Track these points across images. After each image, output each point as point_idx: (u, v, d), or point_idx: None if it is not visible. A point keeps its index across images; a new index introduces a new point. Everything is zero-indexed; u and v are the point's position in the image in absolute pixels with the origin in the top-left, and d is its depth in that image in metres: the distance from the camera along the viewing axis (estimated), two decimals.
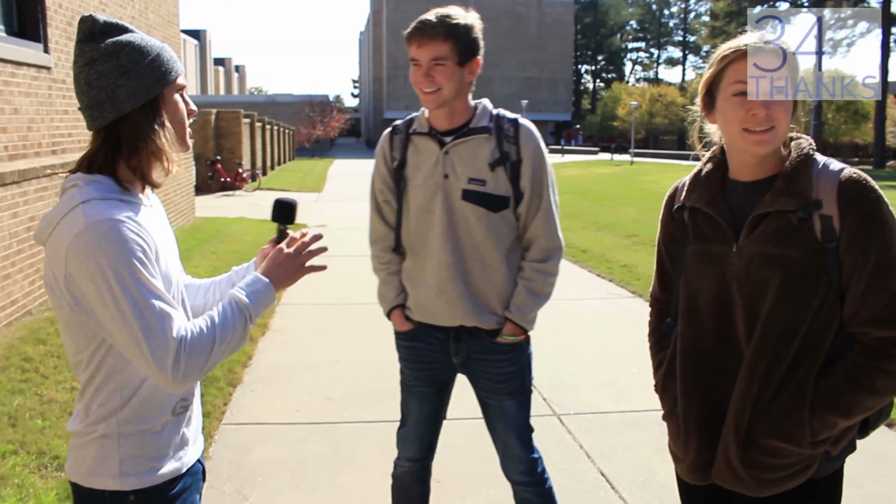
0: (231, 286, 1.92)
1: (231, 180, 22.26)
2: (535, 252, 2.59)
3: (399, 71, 73.09)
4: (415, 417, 2.85)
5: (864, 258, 1.70)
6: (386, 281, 2.79)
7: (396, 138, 2.71)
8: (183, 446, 1.74)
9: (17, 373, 4.95)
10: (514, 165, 2.53)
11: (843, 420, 1.75)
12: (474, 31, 2.50)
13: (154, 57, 1.62)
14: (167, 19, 12.57)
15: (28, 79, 6.98)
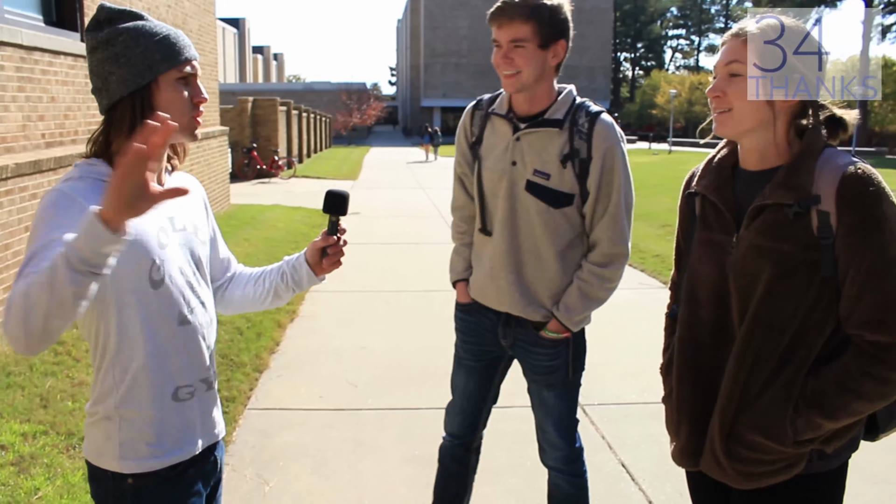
0: (281, 276, 1.97)
1: (267, 168, 22.47)
2: (597, 255, 2.51)
3: (436, 59, 73.04)
4: (460, 391, 2.86)
5: (860, 258, 1.64)
6: (458, 251, 2.82)
7: (477, 114, 2.67)
8: (187, 434, 1.73)
9: (50, 355, 5.06)
10: (582, 163, 2.44)
11: (827, 422, 1.69)
12: (561, 11, 2.40)
13: (150, 44, 1.62)
14: (203, 7, 12.68)
15: (65, 67, 7.10)
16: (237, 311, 2.08)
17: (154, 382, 1.67)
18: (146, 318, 1.64)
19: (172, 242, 1.70)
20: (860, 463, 3.80)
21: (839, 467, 1.80)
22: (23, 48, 6.24)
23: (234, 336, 5.77)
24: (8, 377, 4.62)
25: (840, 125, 1.80)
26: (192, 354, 1.73)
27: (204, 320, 1.77)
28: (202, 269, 1.80)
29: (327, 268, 1.95)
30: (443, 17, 72.76)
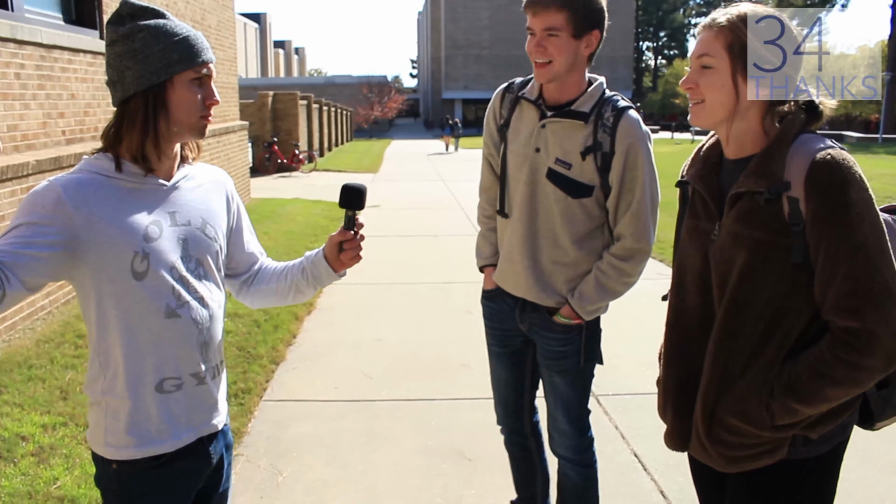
0: (301, 272, 2.00)
1: (288, 162, 22.60)
2: (618, 248, 2.52)
3: (457, 51, 72.86)
4: (495, 379, 2.94)
5: (828, 244, 1.63)
6: (485, 235, 2.85)
7: (508, 97, 2.68)
8: (171, 426, 1.74)
9: (70, 349, 5.16)
10: (605, 157, 2.45)
11: (803, 408, 1.69)
12: (597, 2, 2.40)
13: (168, 44, 1.66)
14: (221, 2, 12.76)
15: (84, 65, 7.20)
16: (262, 305, 2.10)
17: (135, 371, 1.69)
18: (127, 308, 1.66)
19: (167, 236, 1.71)
20: (877, 452, 3.78)
21: (828, 453, 1.79)
22: (43, 46, 6.33)
23: (252, 329, 5.83)
24: (30, 370, 4.72)
25: (815, 112, 1.79)
26: (181, 348, 1.73)
27: (199, 316, 1.76)
28: (206, 265, 1.80)
29: (346, 263, 1.97)
30: (464, 9, 72.52)
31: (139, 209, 1.68)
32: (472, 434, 4.22)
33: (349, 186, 1.92)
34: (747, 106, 1.76)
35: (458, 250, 9.70)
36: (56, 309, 6.19)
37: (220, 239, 1.88)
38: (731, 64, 1.73)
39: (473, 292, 7.32)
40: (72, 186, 1.62)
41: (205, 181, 1.87)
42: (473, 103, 73.88)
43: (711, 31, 1.76)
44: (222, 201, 1.93)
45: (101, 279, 1.65)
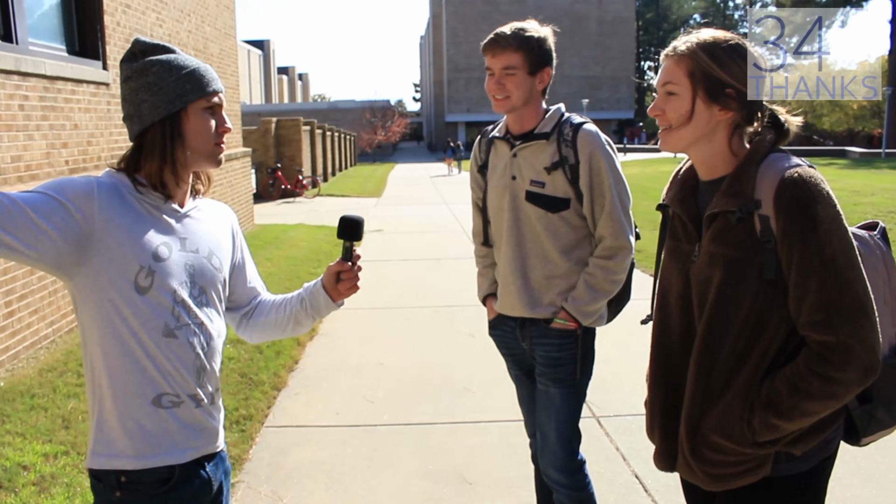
0: (300, 302, 2.04)
1: (291, 187, 22.71)
2: (601, 249, 2.69)
3: (459, 74, 73.32)
4: (520, 397, 3.07)
5: (799, 259, 1.66)
6: (481, 273, 3.05)
7: (483, 141, 2.95)
8: (165, 442, 1.75)
9: (73, 377, 5.17)
10: (572, 168, 2.65)
11: (783, 423, 1.70)
12: (546, 42, 2.66)
13: (181, 76, 1.75)
14: (224, 31, 12.91)
15: (88, 95, 7.28)
16: (261, 338, 2.12)
17: (133, 381, 1.71)
18: (127, 317, 1.69)
19: (175, 259, 1.76)
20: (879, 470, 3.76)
21: (813, 469, 1.80)
22: (46, 78, 6.42)
23: (254, 355, 5.85)
24: (32, 399, 4.74)
25: (783, 130, 1.84)
26: (177, 368, 1.75)
27: (197, 341, 1.79)
28: (208, 294, 1.84)
29: (344, 293, 2.01)
30: (465, 33, 73.09)
31: (153, 228, 1.75)
32: (473, 457, 4.22)
33: (347, 218, 1.95)
34: (713, 129, 1.80)
35: (461, 274, 9.72)
36: (59, 338, 6.22)
37: (225, 271, 1.93)
38: (692, 89, 1.78)
39: (476, 315, 7.38)
40: (105, 189, 1.69)
41: (212, 215, 1.94)
42: (476, 125, 74.15)
43: (673, 59, 1.81)
44: (228, 235, 1.98)
45: (102, 283, 1.68)
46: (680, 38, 1.83)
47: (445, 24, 74.08)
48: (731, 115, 1.79)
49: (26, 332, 5.77)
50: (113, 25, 7.92)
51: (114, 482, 1.72)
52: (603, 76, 71.92)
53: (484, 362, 5.91)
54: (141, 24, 8.75)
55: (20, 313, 5.71)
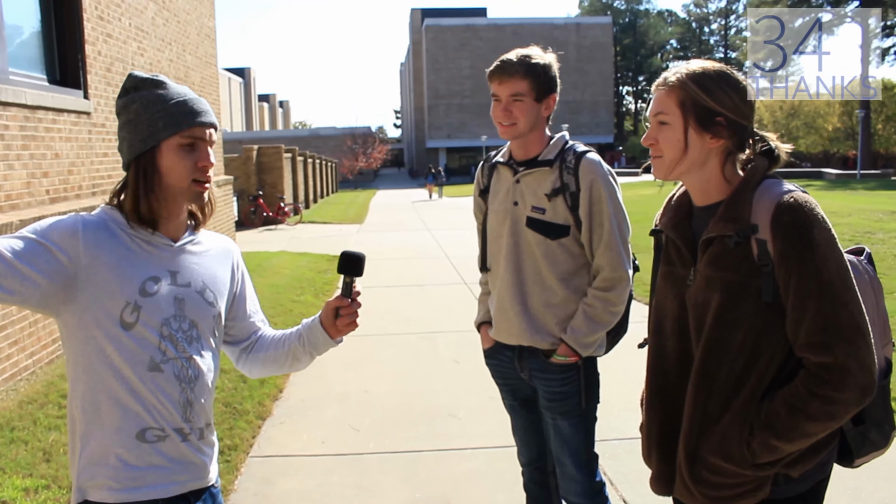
0: (298, 339, 2.01)
1: (273, 215, 22.67)
2: (599, 280, 2.68)
3: (440, 101, 73.79)
4: (516, 428, 3.06)
5: (796, 282, 1.70)
6: (481, 299, 3.06)
7: (486, 166, 2.96)
8: (150, 476, 1.74)
9: (54, 409, 5.10)
10: (573, 196, 2.66)
11: (782, 444, 1.73)
12: (552, 69, 2.67)
13: (156, 112, 1.73)
14: (205, 60, 12.94)
15: (69, 124, 7.26)
16: (261, 373, 2.10)
17: (115, 416, 1.71)
18: (111, 353, 1.70)
19: (163, 294, 1.75)
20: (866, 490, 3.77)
21: (809, 491, 1.82)
22: (27, 107, 6.40)
23: (238, 384, 5.79)
24: (12, 432, 4.66)
25: (773, 156, 1.88)
26: (162, 402, 1.75)
27: (184, 374, 1.78)
28: (199, 328, 1.82)
29: (342, 329, 1.98)
30: (445, 59, 73.69)
31: (142, 263, 1.75)
32: (461, 485, 4.19)
33: (348, 254, 1.92)
34: (706, 156, 1.84)
35: (444, 300, 9.72)
36: (40, 369, 6.14)
37: (220, 305, 1.90)
38: (682, 119, 1.82)
39: (460, 341, 7.37)
40: (90, 227, 1.71)
41: (212, 248, 1.93)
42: (457, 151, 74.60)
43: (664, 90, 1.86)
44: (227, 269, 1.97)
45: (88, 320, 1.69)
46: (670, 70, 1.88)
47: (425, 51, 74.67)
48: (722, 143, 1.83)
49: (6, 363, 5.69)
50: (94, 55, 7.92)
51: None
52: (582, 101, 72.60)
53: (469, 388, 5.90)
54: (122, 53, 8.75)
55: (0, 344, 5.63)
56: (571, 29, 73.15)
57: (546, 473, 3.01)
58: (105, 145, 8.07)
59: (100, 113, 8.00)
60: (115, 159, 8.29)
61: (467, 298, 9.69)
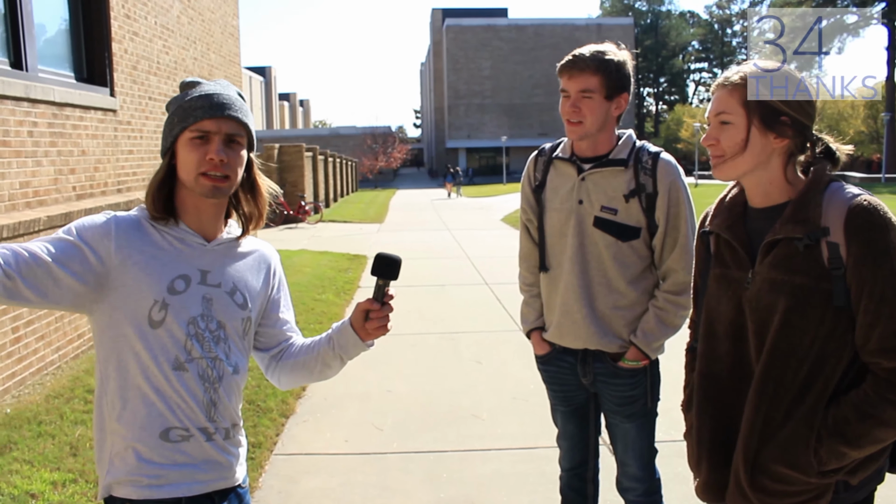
0: (328, 342, 1.94)
1: (294, 213, 22.75)
2: (671, 284, 2.63)
3: (460, 101, 73.79)
4: (561, 432, 2.98)
5: (871, 287, 1.67)
6: (528, 303, 2.92)
7: (540, 160, 2.83)
8: (174, 475, 1.74)
9: (80, 404, 5.14)
10: (649, 197, 2.59)
11: (851, 451, 1.71)
12: (625, 67, 2.57)
13: (175, 110, 1.78)
14: (228, 59, 13.01)
15: (95, 121, 7.32)
16: (290, 382, 2.03)
17: (140, 414, 1.72)
18: (139, 351, 1.71)
19: (192, 292, 1.76)
20: None
21: (865, 499, 1.80)
22: (55, 105, 6.45)
23: (261, 381, 5.81)
24: (39, 426, 4.70)
25: (834, 158, 1.87)
26: (186, 401, 1.74)
27: (209, 375, 1.77)
28: (227, 329, 1.81)
29: (371, 333, 1.89)
30: (465, 59, 73.67)
31: (172, 261, 1.76)
32: (484, 485, 4.17)
33: (383, 256, 1.81)
34: (768, 156, 1.82)
35: (465, 300, 9.70)
36: (65, 364, 6.19)
37: (251, 309, 1.88)
38: (746, 118, 1.80)
39: (482, 342, 7.36)
40: (122, 227, 1.74)
41: (250, 252, 1.92)
42: (477, 152, 74.57)
43: (726, 90, 1.83)
44: (262, 275, 1.94)
45: (118, 318, 1.71)
46: (731, 69, 1.86)
47: (446, 51, 74.70)
48: (786, 143, 1.81)
49: (32, 357, 5.75)
50: (121, 53, 7.98)
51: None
52: None
53: (491, 389, 5.88)
54: (148, 51, 8.82)
55: (27, 339, 5.69)
56: (593, 30, 72.82)
57: (585, 480, 2.97)
58: (130, 142, 8.13)
59: (125, 110, 8.06)
60: (139, 156, 8.35)
61: (489, 299, 9.68)
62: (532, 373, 2.94)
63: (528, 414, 5.17)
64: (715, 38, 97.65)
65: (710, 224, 2.01)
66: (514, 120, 72.45)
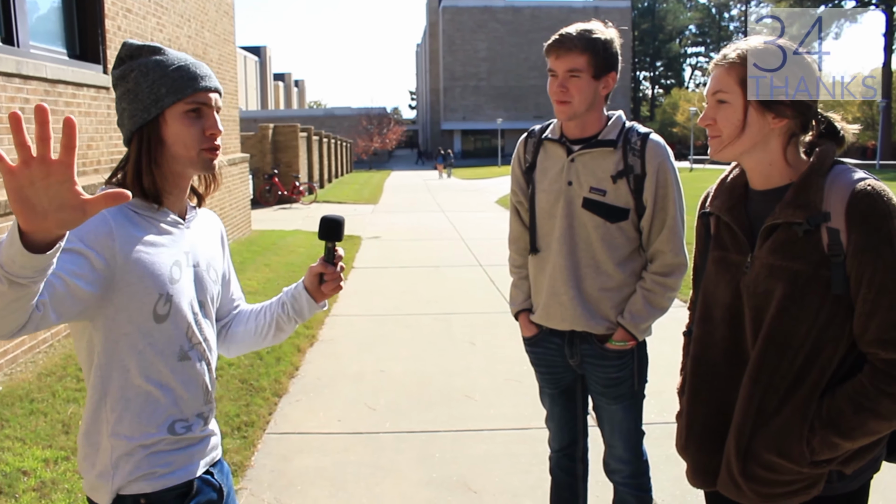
0: (281, 307, 1.95)
1: (288, 193, 22.69)
2: (659, 265, 2.62)
3: (455, 82, 73.47)
4: (549, 413, 2.98)
5: (871, 276, 1.62)
6: (517, 284, 2.92)
7: (530, 142, 2.81)
8: (181, 461, 1.73)
9: (72, 382, 5.13)
10: (637, 179, 2.57)
11: (844, 442, 1.67)
12: (613, 45, 2.55)
13: (157, 79, 1.64)
14: (223, 37, 12.90)
15: (88, 99, 7.26)
16: (240, 350, 2.03)
17: (146, 413, 1.67)
18: (143, 350, 1.64)
19: (184, 277, 1.71)
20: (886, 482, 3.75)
21: (860, 489, 1.77)
22: (47, 81, 6.39)
23: (254, 361, 5.81)
24: (31, 404, 4.69)
25: (838, 138, 1.80)
26: (191, 390, 1.73)
27: (206, 357, 1.77)
28: (207, 308, 1.80)
29: (327, 293, 1.94)
30: (461, 41, 73.28)
31: (164, 248, 1.68)
32: (477, 466, 4.19)
33: (328, 218, 1.91)
34: (767, 137, 1.76)
35: (459, 281, 9.70)
36: (58, 342, 6.18)
37: (220, 282, 1.89)
38: (743, 97, 1.75)
39: (475, 323, 7.36)
40: (119, 222, 1.60)
41: (206, 224, 1.88)
42: (472, 134, 74.36)
43: (723, 68, 1.78)
44: (219, 246, 1.93)
45: (120, 321, 1.61)
46: (729, 46, 1.80)
47: (442, 33, 74.28)
48: (785, 123, 1.75)
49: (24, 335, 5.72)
50: (114, 29, 7.90)
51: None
52: None
53: (484, 370, 5.89)
54: (142, 28, 8.73)
55: None
56: (590, 12, 72.16)
57: (575, 460, 2.98)
58: None
59: None
60: None
61: (482, 280, 9.68)
62: (525, 354, 2.94)
63: (521, 395, 5.18)
64: (712, 22, 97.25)
65: (710, 205, 1.96)
66: (510, 102, 72.18)
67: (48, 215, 1.18)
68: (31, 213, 1.17)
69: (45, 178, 1.16)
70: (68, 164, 1.17)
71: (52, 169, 1.16)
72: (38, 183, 1.16)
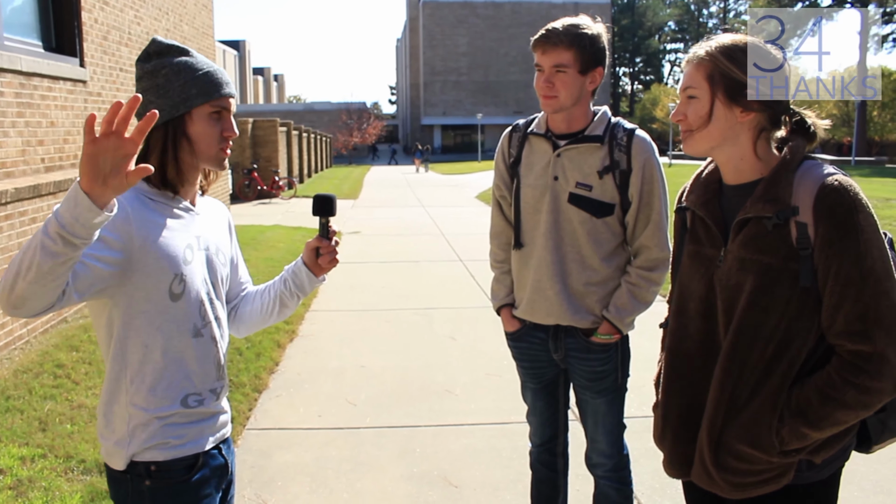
0: (283, 283, 2.10)
1: (268, 188, 22.54)
2: (644, 260, 2.64)
3: (436, 77, 73.34)
4: (531, 408, 2.99)
5: (837, 268, 1.66)
6: (499, 279, 2.92)
7: (515, 136, 2.81)
8: (194, 434, 1.85)
9: (49, 379, 5.08)
10: (623, 174, 2.58)
11: (812, 432, 1.71)
12: (600, 40, 2.54)
13: (189, 79, 1.80)
14: (202, 31, 12.80)
15: (64, 92, 7.17)
16: (249, 329, 2.18)
17: (162, 387, 1.79)
18: (159, 327, 1.78)
19: (196, 259, 1.85)
20: (862, 473, 3.80)
21: (830, 477, 1.81)
22: (22, 74, 6.31)
23: (234, 356, 5.78)
24: (7, 401, 4.64)
25: (809, 134, 1.84)
26: (202, 366, 1.86)
27: (217, 335, 1.90)
28: (218, 288, 1.94)
29: (325, 267, 2.07)
30: (442, 36, 73.15)
31: (178, 232, 1.82)
32: (457, 460, 4.20)
33: (321, 196, 2.03)
34: (736, 131, 1.80)
35: (439, 276, 9.71)
36: (34, 338, 6.11)
37: (228, 265, 2.04)
38: (710, 92, 1.79)
39: (456, 318, 7.37)
40: (136, 206, 1.74)
41: (213, 211, 2.03)
42: (452, 129, 74.31)
43: (693, 64, 1.83)
44: (227, 231, 2.08)
45: (138, 299, 1.75)
46: (700, 44, 1.84)
47: (422, 27, 74.09)
48: (753, 117, 1.78)
49: (0, 332, 5.66)
50: (90, 22, 7.81)
51: (143, 472, 1.79)
52: None
53: (465, 365, 5.91)
54: (119, 21, 8.64)
55: None
56: (570, 8, 72.45)
57: (556, 455, 3.00)
58: (101, 114, 7.95)
59: (96, 81, 7.91)
60: None
61: (462, 275, 9.69)
62: (506, 349, 2.95)
63: (502, 389, 5.20)
64: (691, 19, 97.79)
65: (686, 200, 2.00)
66: (490, 97, 72.16)
67: (107, 179, 1.44)
68: (95, 174, 1.43)
69: (116, 149, 1.43)
70: (137, 143, 1.45)
71: (124, 143, 1.43)
72: (110, 153, 1.43)
